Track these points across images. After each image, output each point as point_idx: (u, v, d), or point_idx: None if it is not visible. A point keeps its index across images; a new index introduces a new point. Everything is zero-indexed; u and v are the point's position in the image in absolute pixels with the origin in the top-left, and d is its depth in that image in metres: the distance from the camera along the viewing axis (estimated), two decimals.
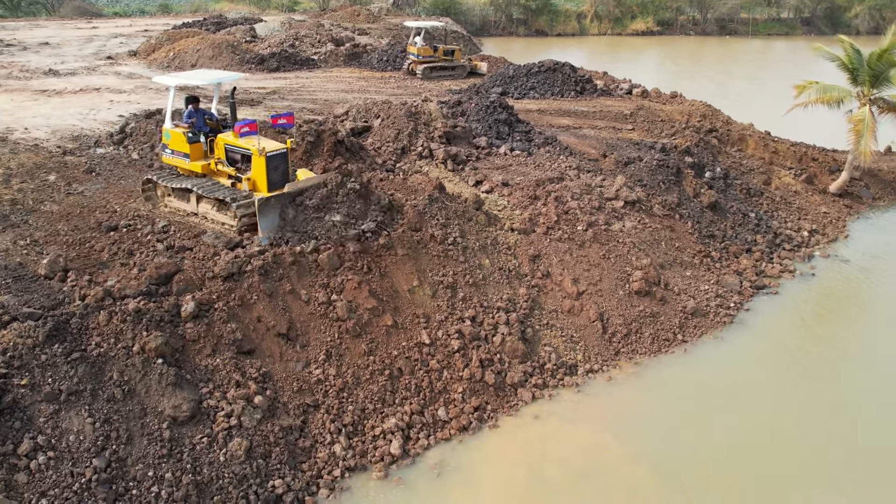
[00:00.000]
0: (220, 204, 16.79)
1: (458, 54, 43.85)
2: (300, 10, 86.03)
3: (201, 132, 17.35)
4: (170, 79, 17.73)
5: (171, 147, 17.40)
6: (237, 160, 17.01)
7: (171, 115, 17.87)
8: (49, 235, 16.33)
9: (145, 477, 12.08)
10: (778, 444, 14.94)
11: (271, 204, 16.17)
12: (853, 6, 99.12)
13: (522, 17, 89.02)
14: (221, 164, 17.16)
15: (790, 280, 22.04)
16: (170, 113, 17.70)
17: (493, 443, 14.63)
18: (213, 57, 43.45)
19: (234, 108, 17.14)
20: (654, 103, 34.56)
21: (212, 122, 17.70)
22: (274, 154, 16.39)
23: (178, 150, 17.30)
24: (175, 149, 17.35)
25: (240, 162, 16.96)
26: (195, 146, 17.19)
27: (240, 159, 16.95)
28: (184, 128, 17.27)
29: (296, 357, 14.81)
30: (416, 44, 42.52)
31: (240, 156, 16.91)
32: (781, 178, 28.42)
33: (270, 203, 16.15)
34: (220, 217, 16.94)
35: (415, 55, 42.29)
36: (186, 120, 17.39)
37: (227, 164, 17.11)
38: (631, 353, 17.87)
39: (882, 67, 26.88)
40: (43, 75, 37.00)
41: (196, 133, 17.26)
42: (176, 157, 17.46)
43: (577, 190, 21.79)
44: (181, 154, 17.29)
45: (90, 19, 71.62)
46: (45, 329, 12.82)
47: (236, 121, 17.10)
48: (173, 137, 17.26)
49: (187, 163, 17.29)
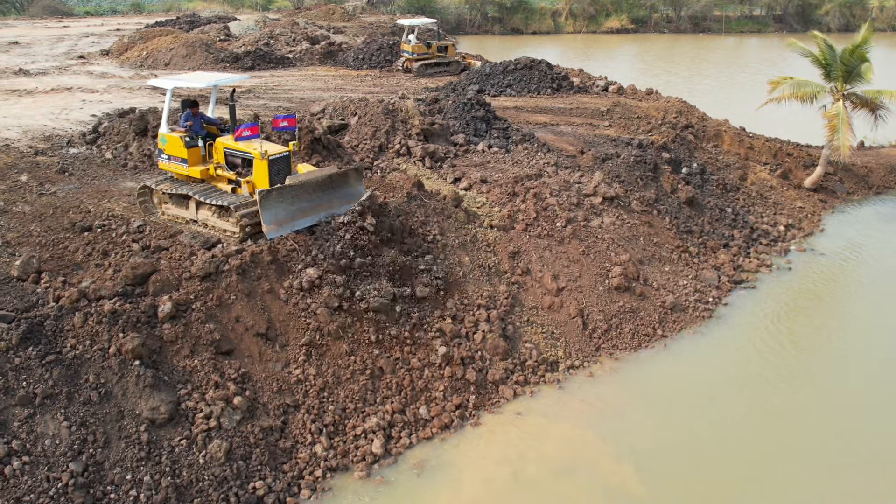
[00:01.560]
0: (221, 210, 16.22)
1: (451, 50, 43.97)
2: (274, 9, 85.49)
3: (199, 136, 16.84)
4: (166, 82, 17.23)
5: (168, 152, 16.81)
6: (237, 164, 16.48)
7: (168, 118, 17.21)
8: (21, 237, 16.02)
9: (123, 480, 11.89)
10: (758, 439, 15.02)
11: (273, 197, 15.62)
12: (824, 4, 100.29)
13: (498, 16, 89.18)
14: (221, 169, 16.63)
15: (767, 274, 22.20)
16: (166, 117, 17.01)
17: (475, 441, 14.58)
18: (186, 56, 43.00)
19: (234, 111, 16.53)
20: (630, 100, 34.68)
21: (211, 126, 17.26)
22: (276, 157, 15.99)
23: (175, 154, 16.71)
24: (172, 154, 16.75)
25: (240, 166, 16.45)
26: (193, 151, 16.64)
27: (240, 163, 16.44)
28: (181, 132, 16.71)
29: (275, 357, 14.66)
30: (410, 41, 42.52)
31: (240, 160, 16.40)
32: (757, 174, 28.65)
33: (272, 196, 15.59)
34: (221, 224, 16.37)
35: (409, 53, 42.31)
36: (183, 124, 16.86)
37: (227, 169, 16.58)
38: (611, 348, 17.90)
39: (854, 63, 27.17)
40: (13, 75, 36.40)
41: (194, 137, 16.73)
42: (173, 163, 16.87)
43: (556, 186, 21.81)
44: (178, 159, 16.70)
45: (61, 18, 70.71)
46: (19, 332, 12.58)
47: (236, 124, 16.59)
48: (170, 142, 16.68)
49: (185, 168, 16.71)
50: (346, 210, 16.84)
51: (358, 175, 17.55)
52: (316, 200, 16.51)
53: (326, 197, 16.72)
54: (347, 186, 17.20)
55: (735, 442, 14.88)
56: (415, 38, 42.60)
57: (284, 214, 15.94)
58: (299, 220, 16.26)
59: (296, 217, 16.17)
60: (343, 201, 17.01)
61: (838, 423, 15.64)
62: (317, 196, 16.51)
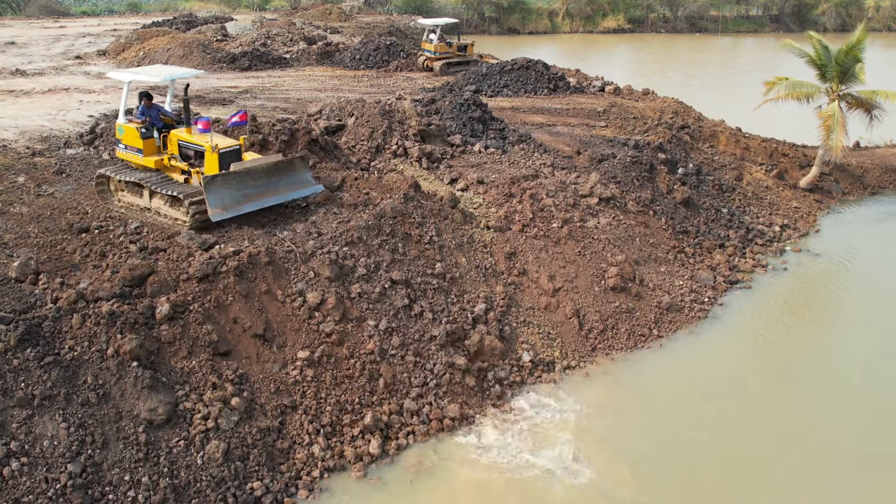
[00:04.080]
0: (173, 200, 16.92)
1: (470, 49, 44.49)
2: (271, 9, 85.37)
3: (155, 128, 17.55)
4: (123, 74, 18.03)
5: (125, 142, 17.70)
6: (190, 156, 17.27)
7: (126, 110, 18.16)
8: (19, 238, 16.06)
9: (121, 481, 11.94)
10: (753, 439, 15.10)
11: (218, 182, 16.35)
12: (820, 4, 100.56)
13: (494, 16, 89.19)
14: (174, 160, 17.43)
15: (763, 274, 22.29)
16: (123, 108, 17.92)
17: (471, 442, 14.63)
18: (183, 56, 43.01)
19: (188, 105, 17.29)
20: (626, 100, 34.77)
21: (167, 118, 17.94)
22: (227, 150, 16.86)
23: (131, 145, 17.60)
24: (128, 144, 17.64)
25: (193, 158, 17.21)
26: (148, 142, 17.48)
27: (193, 155, 17.20)
28: (137, 123, 17.47)
29: (273, 358, 14.71)
30: (431, 40, 43.10)
31: (193, 152, 17.17)
32: (753, 174, 28.74)
33: (217, 182, 16.33)
34: (172, 212, 17.07)
35: (431, 52, 42.82)
36: (140, 116, 17.61)
37: (181, 160, 17.33)
38: (607, 348, 17.98)
39: (849, 63, 27.26)
40: (10, 75, 36.39)
41: (149, 129, 17.48)
42: (129, 153, 17.72)
43: (552, 187, 21.87)
44: (134, 149, 17.56)
45: (57, 18, 70.55)
46: (17, 333, 12.62)
47: (189, 117, 17.32)
48: (126, 133, 17.55)
49: (140, 158, 17.54)
50: (294, 197, 17.81)
51: (304, 163, 18.36)
52: (262, 187, 17.29)
53: (273, 183, 17.53)
54: (294, 174, 17.98)
55: (730, 442, 14.95)
56: (436, 37, 43.08)
57: (230, 199, 16.65)
58: (245, 204, 16.97)
59: (241, 202, 16.90)
60: (290, 188, 17.86)
61: (834, 423, 15.73)
62: (263, 182, 17.31)
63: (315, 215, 18.01)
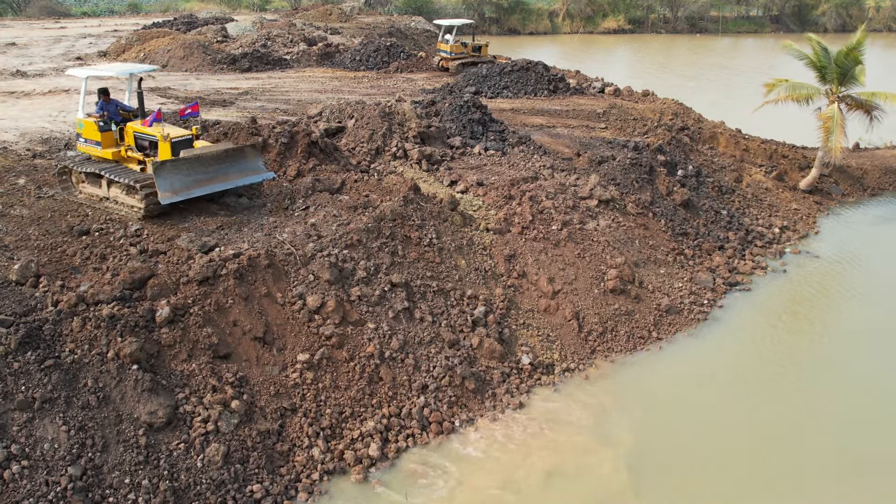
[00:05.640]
0: (129, 188, 17.55)
1: (484, 50, 44.97)
2: (272, 10, 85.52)
3: (113, 121, 18.35)
4: (82, 71, 18.87)
5: (84, 136, 18.44)
6: (145, 146, 18.04)
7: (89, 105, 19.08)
8: (19, 240, 16.11)
9: (122, 484, 11.97)
10: (753, 441, 15.11)
11: (167, 168, 16.95)
12: (820, 4, 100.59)
13: (495, 16, 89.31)
14: (131, 151, 18.21)
15: (762, 276, 22.31)
16: (83, 103, 18.65)
17: (471, 444, 14.65)
18: (184, 57, 43.10)
19: (142, 98, 18.39)
20: (626, 102, 34.81)
21: (125, 112, 18.74)
22: (178, 140, 17.67)
23: (90, 138, 18.34)
24: (88, 137, 18.38)
25: (147, 148, 17.98)
26: (106, 134, 18.22)
27: (148, 146, 17.97)
28: (95, 117, 18.27)
29: (272, 361, 14.74)
30: (447, 41, 43.59)
31: (147, 142, 17.95)
32: (752, 176, 28.76)
33: (167, 167, 16.94)
34: (129, 200, 17.76)
35: (447, 52, 43.31)
36: (98, 111, 18.33)
37: (136, 151, 18.14)
38: (607, 351, 18.00)
39: (849, 65, 27.28)
40: (10, 76, 36.46)
41: (107, 122, 18.29)
42: (89, 145, 18.44)
43: (552, 189, 21.90)
44: (93, 142, 18.32)
45: (58, 19, 70.67)
46: (18, 336, 12.65)
47: (144, 110, 18.42)
48: (86, 127, 18.29)
49: (99, 150, 18.31)
50: (244, 183, 18.55)
51: (255, 151, 19.17)
52: (212, 173, 17.97)
53: (223, 170, 18.19)
54: (245, 161, 18.63)
55: (730, 444, 14.96)
56: (452, 38, 43.48)
57: (180, 184, 17.26)
58: (195, 189, 17.61)
59: (191, 186, 17.53)
60: (241, 174, 18.52)
61: (834, 426, 15.74)
62: (213, 169, 17.99)
63: (315, 217, 18.05)
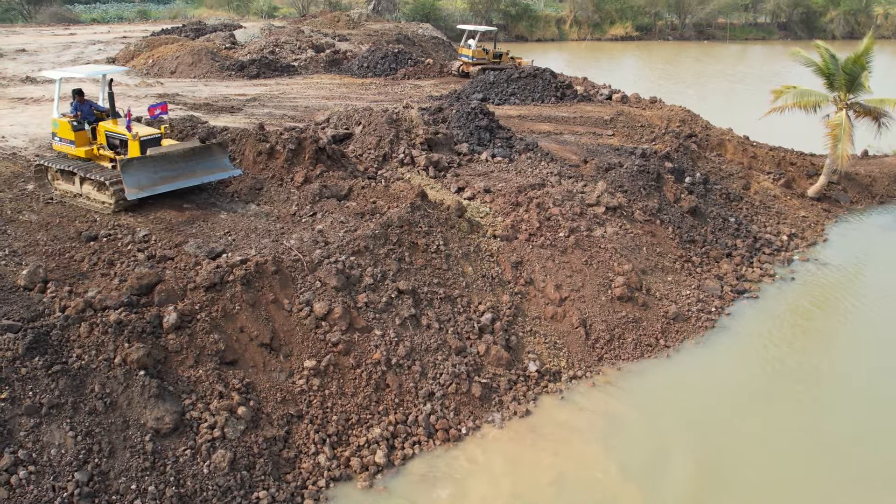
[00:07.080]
0: (100, 185, 18.09)
1: (505, 57, 45.16)
2: (279, 17, 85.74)
3: (87, 121, 18.94)
4: (55, 73, 19.63)
5: (59, 135, 19.08)
6: (116, 145, 18.72)
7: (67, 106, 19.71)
8: (28, 246, 16.16)
9: (128, 490, 11.97)
10: (761, 450, 15.04)
11: (134, 165, 17.57)
12: (828, 11, 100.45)
13: (502, 23, 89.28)
14: (103, 149, 18.84)
15: (770, 284, 22.24)
16: (57, 104, 19.32)
17: (477, 452, 14.62)
18: (192, 64, 43.25)
19: (112, 99, 18.84)
20: (633, 108, 34.79)
21: (99, 112, 19.39)
22: (147, 138, 18.32)
23: (64, 137, 18.96)
24: (62, 136, 19.01)
25: (118, 146, 18.66)
26: (80, 134, 18.84)
27: (118, 144, 18.65)
28: (69, 117, 18.94)
29: (279, 367, 14.74)
30: (470, 46, 43.88)
31: (118, 141, 18.61)
32: (760, 183, 28.70)
33: (133, 164, 17.55)
34: (100, 196, 18.25)
35: (469, 57, 43.62)
36: (73, 111, 19.01)
37: (108, 149, 18.78)
38: (614, 358, 17.95)
39: (857, 72, 27.22)
40: (20, 83, 36.63)
41: (81, 122, 18.90)
42: (63, 144, 19.11)
43: (559, 196, 21.88)
44: (67, 141, 18.94)
45: (67, 26, 70.97)
46: (25, 341, 12.68)
47: (115, 109, 18.95)
48: (60, 126, 18.96)
49: (73, 149, 18.94)
50: (211, 179, 19.22)
51: (222, 149, 19.68)
52: (179, 170, 18.60)
53: (190, 167, 18.81)
54: (211, 158, 19.23)
55: (738, 453, 14.89)
56: (475, 43, 43.76)
57: (146, 180, 17.90)
58: (161, 185, 18.20)
59: (157, 183, 18.14)
60: (207, 171, 19.11)
61: (843, 434, 15.67)
62: (180, 166, 18.61)
63: (322, 224, 18.08)
